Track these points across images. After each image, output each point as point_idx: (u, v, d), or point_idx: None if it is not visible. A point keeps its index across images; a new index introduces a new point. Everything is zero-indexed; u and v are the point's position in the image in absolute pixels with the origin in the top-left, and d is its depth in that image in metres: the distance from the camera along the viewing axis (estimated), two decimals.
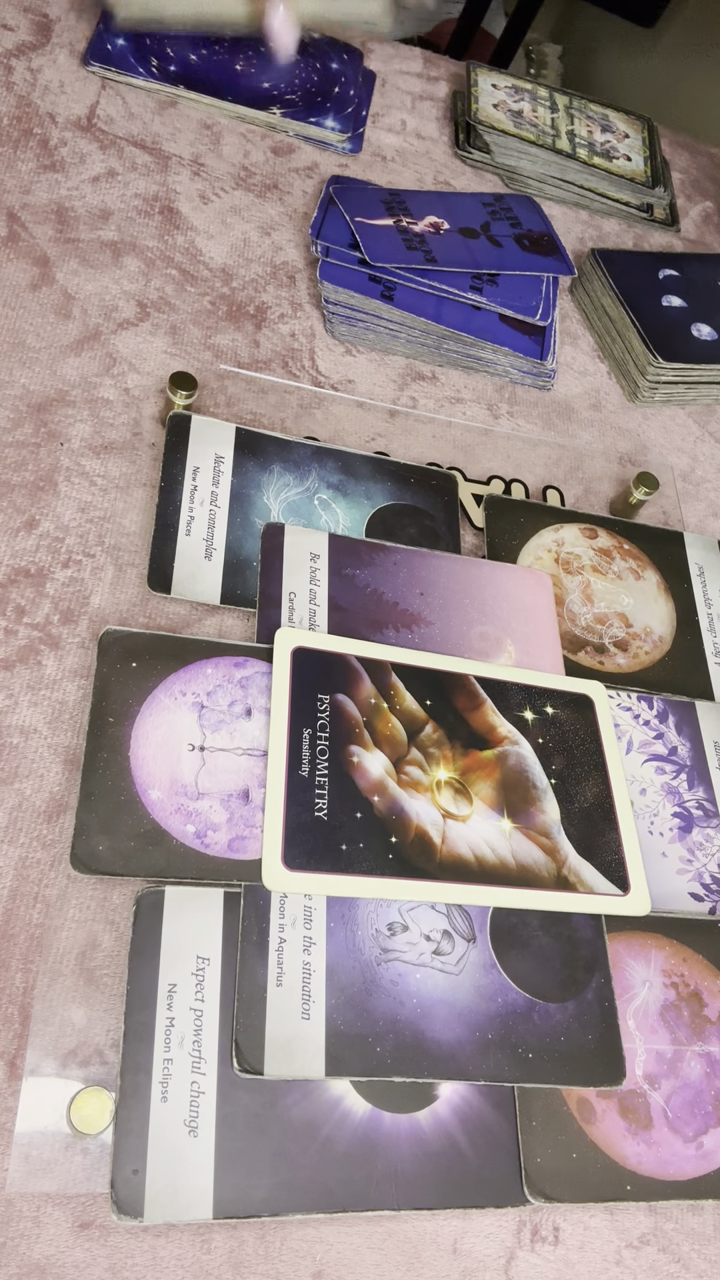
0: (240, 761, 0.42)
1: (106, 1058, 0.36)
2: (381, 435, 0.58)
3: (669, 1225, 0.40)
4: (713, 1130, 0.41)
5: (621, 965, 0.44)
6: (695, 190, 0.87)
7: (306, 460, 0.54)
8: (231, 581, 0.48)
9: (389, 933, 0.41)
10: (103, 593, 0.46)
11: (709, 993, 0.44)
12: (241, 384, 0.56)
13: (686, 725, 0.52)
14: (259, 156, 0.68)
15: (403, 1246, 0.37)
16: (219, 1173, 0.35)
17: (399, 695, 0.46)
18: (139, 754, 0.41)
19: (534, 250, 0.67)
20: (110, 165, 0.62)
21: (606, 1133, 0.40)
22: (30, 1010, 0.37)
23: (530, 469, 0.61)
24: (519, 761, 0.46)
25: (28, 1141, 0.34)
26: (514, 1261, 0.38)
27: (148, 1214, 0.34)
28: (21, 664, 0.43)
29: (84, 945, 0.38)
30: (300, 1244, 0.36)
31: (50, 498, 0.48)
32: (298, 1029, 0.37)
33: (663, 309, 0.68)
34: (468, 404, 0.62)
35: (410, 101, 0.79)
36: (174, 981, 0.37)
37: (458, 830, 0.43)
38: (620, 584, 0.56)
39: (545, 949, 0.42)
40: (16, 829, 0.40)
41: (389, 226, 0.63)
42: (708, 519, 0.64)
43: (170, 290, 0.58)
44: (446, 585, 0.51)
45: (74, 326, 0.54)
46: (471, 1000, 0.40)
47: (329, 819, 0.41)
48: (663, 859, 0.48)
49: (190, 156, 0.65)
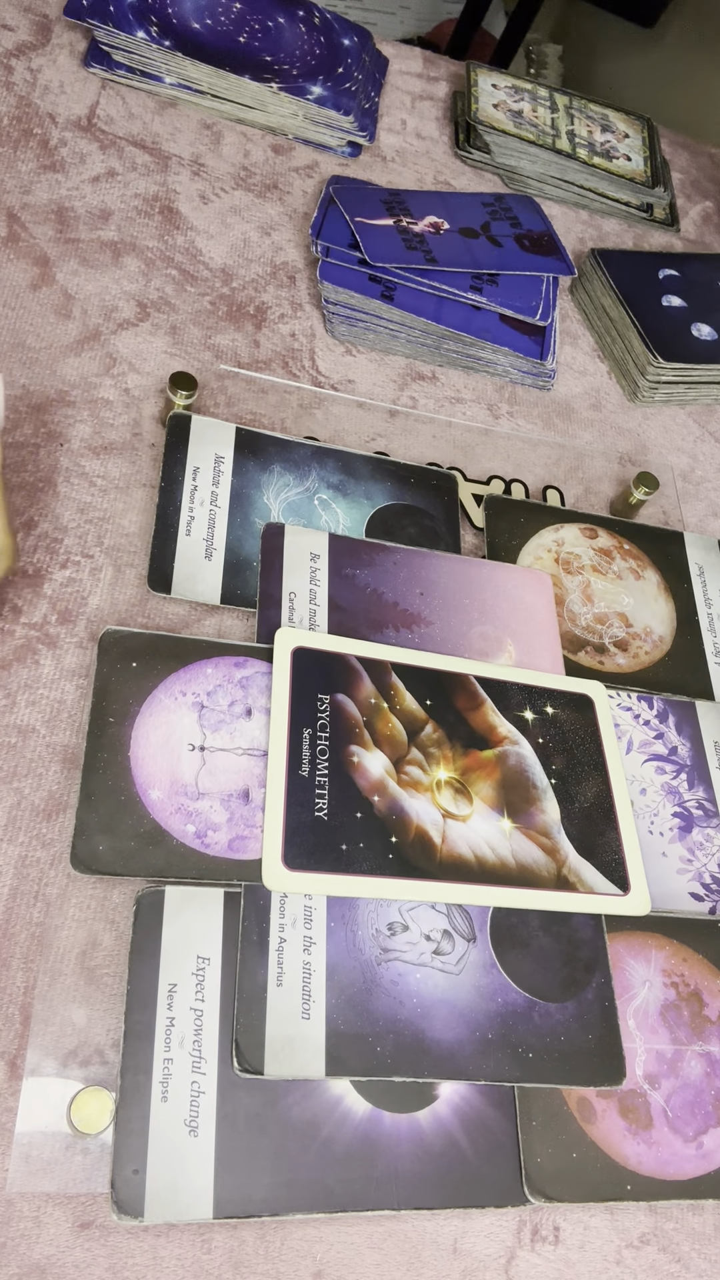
0: (240, 761, 0.42)
1: (107, 1057, 0.36)
2: (381, 435, 0.58)
3: (669, 1225, 0.40)
4: (713, 1130, 0.41)
5: (621, 965, 0.44)
6: (695, 190, 0.87)
7: (307, 460, 0.54)
8: (231, 581, 0.48)
9: (389, 932, 0.41)
10: (102, 593, 0.46)
11: (709, 992, 0.44)
12: (241, 384, 0.56)
13: (686, 725, 0.52)
14: (259, 156, 0.68)
15: (403, 1246, 0.37)
16: (219, 1172, 0.35)
17: (399, 695, 0.46)
18: (139, 754, 0.41)
19: (534, 250, 0.67)
20: (110, 165, 0.62)
21: (607, 1132, 0.40)
22: (31, 1010, 0.37)
23: (530, 469, 0.61)
24: (519, 761, 0.46)
25: (28, 1141, 0.34)
26: (514, 1261, 0.38)
27: (148, 1214, 0.34)
28: (19, 664, 0.43)
29: (84, 945, 0.38)
30: (300, 1244, 0.36)
31: (49, 498, 0.48)
32: (298, 1029, 0.37)
33: (663, 309, 0.68)
34: (468, 404, 0.62)
35: (410, 101, 0.79)
36: (174, 981, 0.37)
37: (458, 830, 0.43)
38: (620, 584, 0.56)
39: (545, 949, 0.42)
40: (16, 828, 0.40)
41: (389, 226, 0.63)
42: (708, 519, 0.64)
43: (170, 290, 0.58)
44: (446, 585, 0.51)
45: (74, 326, 0.54)
46: (472, 1000, 0.40)
47: (329, 819, 0.41)
48: (663, 859, 0.48)
49: (190, 156, 0.65)
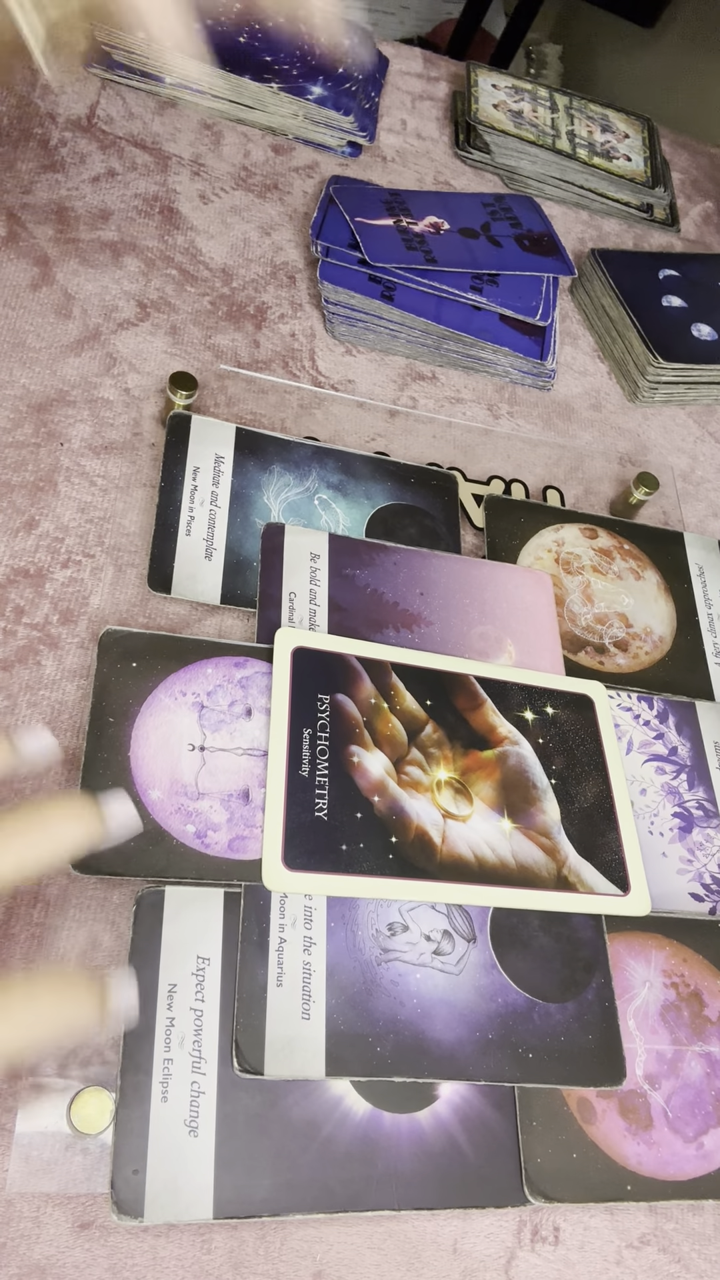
0: (240, 761, 0.42)
1: (107, 1058, 0.36)
2: (381, 435, 0.58)
3: (669, 1225, 0.40)
4: (713, 1130, 0.41)
5: (622, 965, 0.44)
6: (695, 190, 0.87)
7: (307, 460, 0.54)
8: (231, 581, 0.48)
9: (389, 933, 0.41)
10: (102, 593, 0.46)
11: (709, 993, 0.44)
12: (241, 384, 0.56)
13: (687, 725, 0.52)
14: (259, 156, 0.68)
15: (403, 1246, 0.37)
16: (219, 1173, 0.35)
17: (399, 695, 0.46)
18: (139, 754, 0.41)
19: (534, 250, 0.67)
20: (110, 165, 0.62)
21: (607, 1133, 0.40)
22: None
23: (530, 469, 0.61)
24: (519, 761, 0.46)
25: (28, 1142, 0.34)
26: (514, 1261, 0.38)
27: (148, 1214, 0.34)
28: (20, 664, 0.43)
29: (84, 945, 0.38)
30: (300, 1244, 0.36)
31: (50, 498, 0.48)
32: (298, 1029, 0.37)
33: (663, 309, 0.68)
34: (468, 404, 0.62)
35: (410, 101, 0.79)
36: (174, 981, 0.37)
37: (458, 830, 0.43)
38: (620, 584, 0.56)
39: (545, 949, 0.42)
40: None
41: (389, 226, 0.63)
42: (708, 519, 0.64)
43: (170, 290, 0.58)
44: (446, 585, 0.51)
45: (74, 326, 0.54)
46: (472, 1000, 0.40)
47: (329, 819, 0.41)
48: (663, 859, 0.48)
49: (190, 156, 0.65)
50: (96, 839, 0.31)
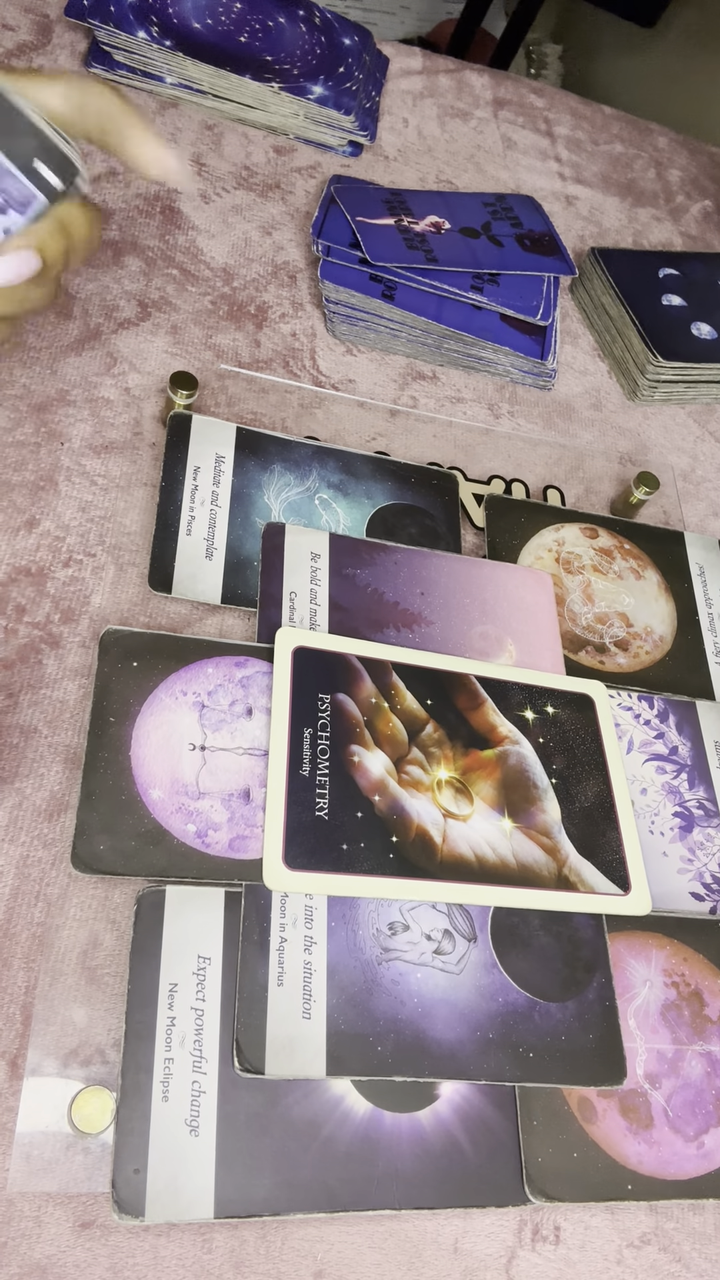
0: (241, 761, 0.42)
1: (108, 1057, 0.36)
2: (382, 435, 0.58)
3: (670, 1225, 0.40)
4: (713, 1130, 0.41)
5: (622, 965, 0.44)
6: (695, 189, 0.87)
7: (307, 460, 0.54)
8: (232, 581, 0.48)
9: (390, 932, 0.41)
10: (103, 592, 0.46)
11: (710, 992, 0.44)
12: (242, 384, 0.56)
13: (687, 725, 0.52)
14: (260, 156, 0.68)
15: (404, 1246, 0.37)
16: (220, 1172, 0.35)
17: (400, 695, 0.46)
18: (140, 753, 0.41)
19: (535, 250, 0.67)
20: (110, 165, 0.62)
21: (607, 1132, 0.40)
22: (31, 1010, 0.37)
23: (531, 468, 0.61)
24: (520, 761, 0.46)
25: (29, 1141, 0.34)
26: (515, 1261, 0.38)
27: (149, 1213, 0.34)
28: (22, 663, 0.43)
29: (85, 944, 0.38)
30: (301, 1243, 0.36)
31: (51, 497, 0.48)
32: (299, 1028, 0.37)
33: (663, 308, 0.68)
34: (468, 404, 0.62)
35: (411, 101, 0.79)
36: (175, 981, 0.37)
37: (458, 830, 0.43)
38: (621, 584, 0.56)
39: (546, 948, 0.42)
40: (17, 828, 0.40)
41: (390, 226, 0.63)
42: (708, 519, 0.64)
43: (171, 290, 0.58)
44: (447, 585, 0.51)
45: (74, 326, 0.54)
46: (472, 1000, 0.40)
47: (330, 818, 0.41)
48: (663, 858, 0.48)
49: (191, 156, 0.65)
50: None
